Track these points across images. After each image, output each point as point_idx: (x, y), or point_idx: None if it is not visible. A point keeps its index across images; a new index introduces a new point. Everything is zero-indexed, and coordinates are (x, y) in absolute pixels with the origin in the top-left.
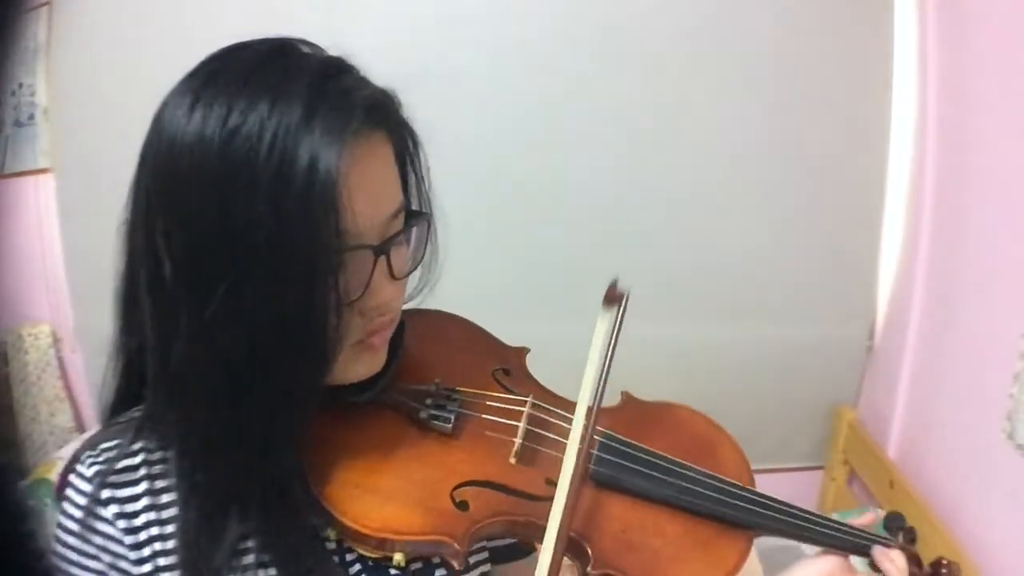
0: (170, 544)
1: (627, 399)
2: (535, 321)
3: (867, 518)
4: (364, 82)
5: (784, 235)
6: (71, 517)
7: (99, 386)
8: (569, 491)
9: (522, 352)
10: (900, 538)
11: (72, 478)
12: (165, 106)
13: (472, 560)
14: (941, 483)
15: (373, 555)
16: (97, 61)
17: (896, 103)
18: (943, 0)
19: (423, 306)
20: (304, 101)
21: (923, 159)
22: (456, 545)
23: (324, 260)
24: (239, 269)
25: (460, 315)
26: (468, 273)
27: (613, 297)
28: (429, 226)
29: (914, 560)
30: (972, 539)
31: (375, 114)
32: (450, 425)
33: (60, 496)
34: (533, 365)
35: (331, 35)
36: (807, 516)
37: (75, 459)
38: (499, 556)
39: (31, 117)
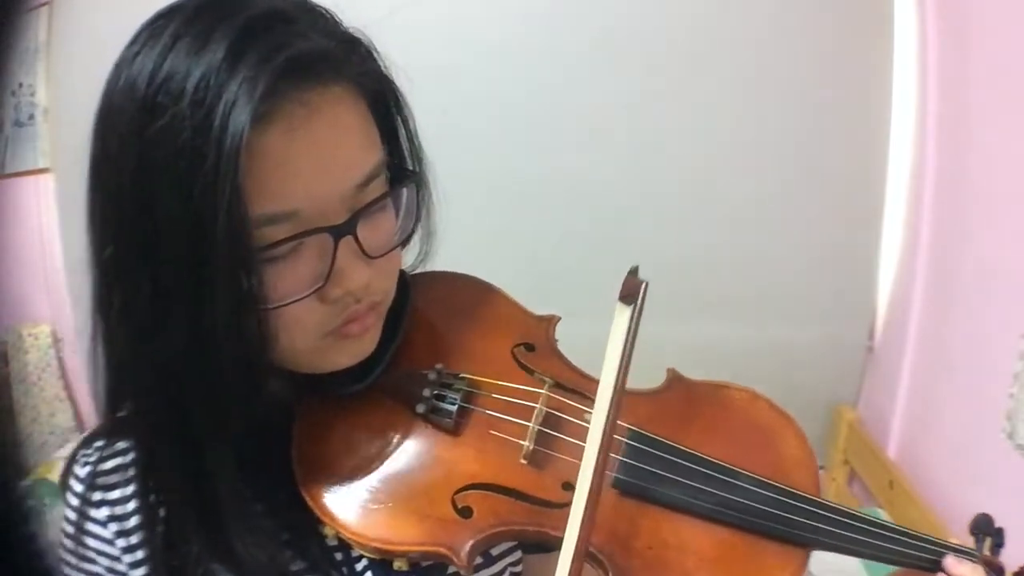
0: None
1: (673, 378)
2: None
3: None
4: (310, 33)
5: (784, 235)
6: (67, 519)
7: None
8: (587, 507)
9: (550, 322)
10: (986, 546)
11: (69, 479)
12: (113, 68)
13: (496, 552)
14: (941, 483)
15: (373, 556)
16: (97, 61)
17: (896, 103)
18: (943, 1)
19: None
20: (226, 56)
21: (923, 159)
22: (455, 558)
23: (238, 253)
24: (156, 258)
25: (477, 277)
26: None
27: (629, 290)
28: (419, 189)
29: (997, 571)
30: (972, 539)
31: (313, 70)
32: (451, 420)
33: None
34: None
35: None
36: (873, 528)
37: (73, 457)
38: (530, 546)
39: (31, 117)
